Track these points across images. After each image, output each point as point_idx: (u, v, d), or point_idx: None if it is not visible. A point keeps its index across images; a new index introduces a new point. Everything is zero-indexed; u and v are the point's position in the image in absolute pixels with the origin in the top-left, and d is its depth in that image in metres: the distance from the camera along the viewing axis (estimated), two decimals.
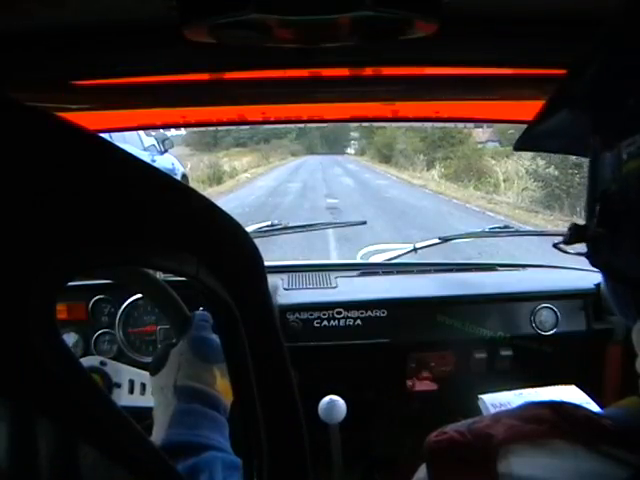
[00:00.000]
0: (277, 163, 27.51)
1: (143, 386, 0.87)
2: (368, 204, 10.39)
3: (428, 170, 18.53)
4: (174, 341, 0.71)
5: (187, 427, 0.60)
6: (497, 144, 17.23)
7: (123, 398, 0.85)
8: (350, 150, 36.19)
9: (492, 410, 0.89)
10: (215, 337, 0.68)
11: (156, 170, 0.33)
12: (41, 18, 0.68)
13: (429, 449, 0.40)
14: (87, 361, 0.87)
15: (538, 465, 0.37)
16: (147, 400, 0.79)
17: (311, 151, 34.60)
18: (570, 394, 0.95)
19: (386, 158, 24.94)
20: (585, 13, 0.65)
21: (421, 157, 19.87)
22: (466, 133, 16.39)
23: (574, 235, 0.46)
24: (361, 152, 33.34)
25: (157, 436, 0.60)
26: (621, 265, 0.42)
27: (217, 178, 15.54)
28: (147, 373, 0.71)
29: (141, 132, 6.39)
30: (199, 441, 0.58)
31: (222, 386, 0.65)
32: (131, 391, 0.86)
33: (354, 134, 33.66)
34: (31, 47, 0.73)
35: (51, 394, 0.26)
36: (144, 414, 0.69)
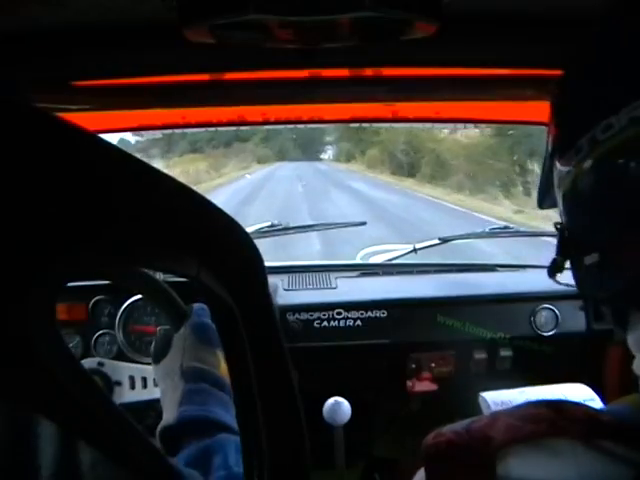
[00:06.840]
0: (233, 175, 17.08)
1: (144, 380, 0.87)
2: None
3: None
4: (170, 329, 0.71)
5: (198, 404, 0.60)
6: None
7: (125, 395, 0.85)
8: (324, 155, 28.15)
9: (494, 408, 0.89)
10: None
11: (157, 171, 0.33)
12: (41, 18, 0.68)
13: (427, 451, 0.40)
14: (85, 364, 0.87)
15: (538, 467, 0.37)
16: (150, 393, 0.79)
17: (282, 157, 25.51)
18: (576, 392, 0.93)
19: (400, 167, 16.35)
20: (586, 14, 0.65)
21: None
22: None
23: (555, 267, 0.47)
24: (346, 158, 25.19)
25: (168, 417, 0.60)
26: (585, 288, 0.45)
27: None
28: (146, 367, 0.71)
29: None
30: (211, 417, 0.59)
31: (226, 370, 0.65)
32: (132, 387, 0.87)
33: (329, 138, 26.20)
34: (31, 47, 0.73)
35: (51, 394, 0.26)
36: (149, 407, 0.69)
